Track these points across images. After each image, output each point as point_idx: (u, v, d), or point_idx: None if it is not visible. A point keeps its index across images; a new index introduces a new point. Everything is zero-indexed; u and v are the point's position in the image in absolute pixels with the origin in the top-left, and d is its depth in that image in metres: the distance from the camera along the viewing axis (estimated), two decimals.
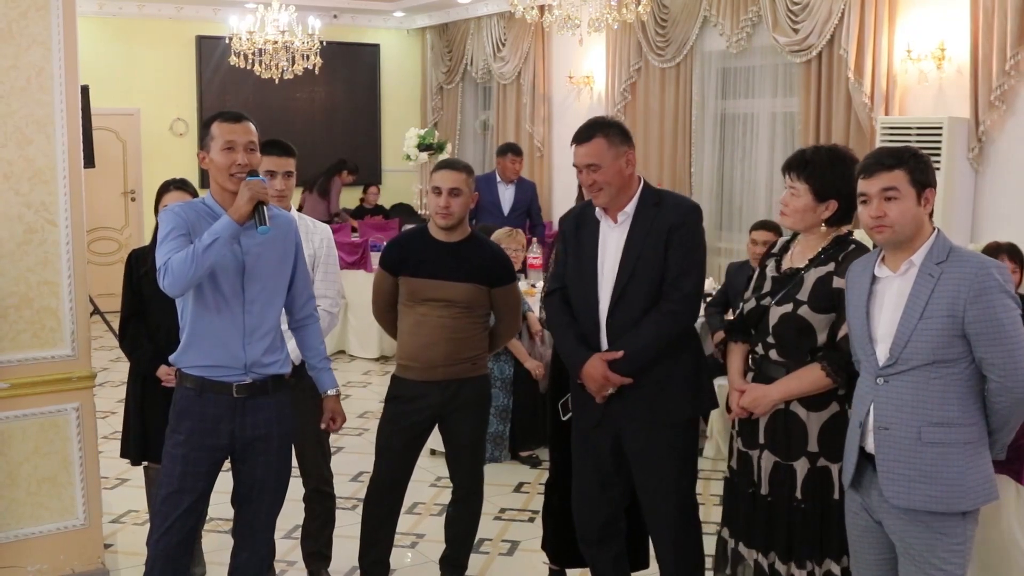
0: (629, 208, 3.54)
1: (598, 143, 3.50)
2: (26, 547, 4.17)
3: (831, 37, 7.13)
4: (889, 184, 2.85)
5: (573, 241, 3.67)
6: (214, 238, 3.14)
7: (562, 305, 3.67)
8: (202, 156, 3.34)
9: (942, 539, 2.84)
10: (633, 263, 3.48)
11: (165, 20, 11.26)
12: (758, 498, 3.29)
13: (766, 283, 3.33)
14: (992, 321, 2.75)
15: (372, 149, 12.47)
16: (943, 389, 2.82)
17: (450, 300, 3.94)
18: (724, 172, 8.58)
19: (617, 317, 3.50)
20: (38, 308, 4.08)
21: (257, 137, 3.37)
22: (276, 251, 3.40)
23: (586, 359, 3.51)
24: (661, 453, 3.53)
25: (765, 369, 3.27)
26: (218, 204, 3.31)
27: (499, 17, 11.03)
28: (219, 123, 3.32)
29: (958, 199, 6.41)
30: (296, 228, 3.56)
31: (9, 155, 3.97)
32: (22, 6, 3.95)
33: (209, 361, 3.32)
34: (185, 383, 3.37)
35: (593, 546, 3.76)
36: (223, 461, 3.42)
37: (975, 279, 2.77)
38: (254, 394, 3.36)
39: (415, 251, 4.01)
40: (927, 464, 2.82)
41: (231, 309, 3.30)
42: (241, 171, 3.27)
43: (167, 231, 3.24)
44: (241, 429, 3.35)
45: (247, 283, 3.32)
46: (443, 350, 3.96)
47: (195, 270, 3.13)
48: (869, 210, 2.89)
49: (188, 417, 3.34)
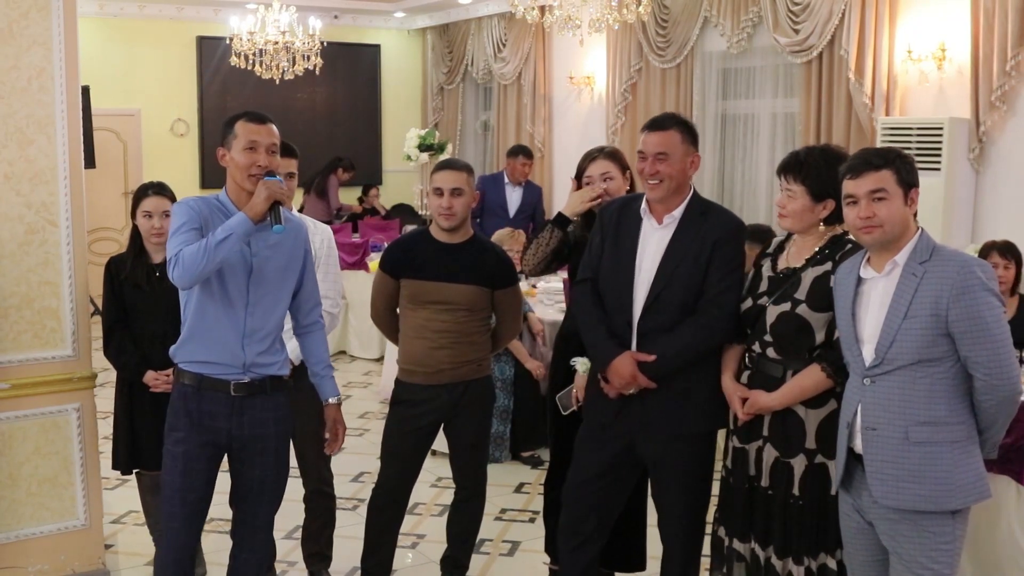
0: (676, 212, 3.48)
1: (673, 135, 3.44)
2: (27, 547, 4.17)
3: (832, 37, 7.12)
4: (878, 185, 2.86)
5: (612, 233, 3.57)
6: (228, 233, 3.14)
7: (594, 297, 3.58)
8: (222, 153, 3.35)
9: (931, 538, 2.85)
10: (672, 269, 3.42)
11: (166, 21, 11.26)
12: (756, 491, 3.29)
13: (762, 283, 3.33)
14: (976, 319, 2.76)
15: (373, 150, 12.47)
16: (929, 388, 2.83)
17: (453, 302, 3.92)
18: (725, 172, 8.58)
19: (648, 322, 3.44)
20: (39, 308, 4.08)
21: (279, 140, 3.38)
22: (284, 256, 3.40)
23: (617, 355, 3.44)
24: (679, 462, 3.50)
25: (762, 367, 3.27)
26: (232, 202, 3.32)
27: (500, 18, 11.03)
28: (243, 122, 3.32)
29: (959, 200, 6.41)
30: (307, 235, 3.56)
31: (10, 155, 3.97)
32: (23, 6, 3.95)
33: (207, 357, 3.32)
34: (183, 379, 3.37)
35: (570, 544, 3.69)
36: (220, 459, 3.43)
37: (958, 278, 2.78)
38: (252, 393, 3.36)
39: (417, 253, 3.97)
40: (915, 464, 2.83)
41: (234, 308, 3.31)
42: (260, 172, 3.27)
43: (180, 223, 3.25)
44: (238, 428, 3.35)
45: (252, 285, 3.32)
46: (448, 354, 3.94)
47: (206, 263, 3.13)
48: (858, 211, 2.89)
49: (186, 414, 3.34)
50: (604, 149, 4.06)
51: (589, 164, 3.98)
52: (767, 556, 3.27)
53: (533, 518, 5.20)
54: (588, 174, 3.95)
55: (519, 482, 5.79)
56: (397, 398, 4.06)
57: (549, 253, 3.97)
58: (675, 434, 3.47)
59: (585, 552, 3.68)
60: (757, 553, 3.29)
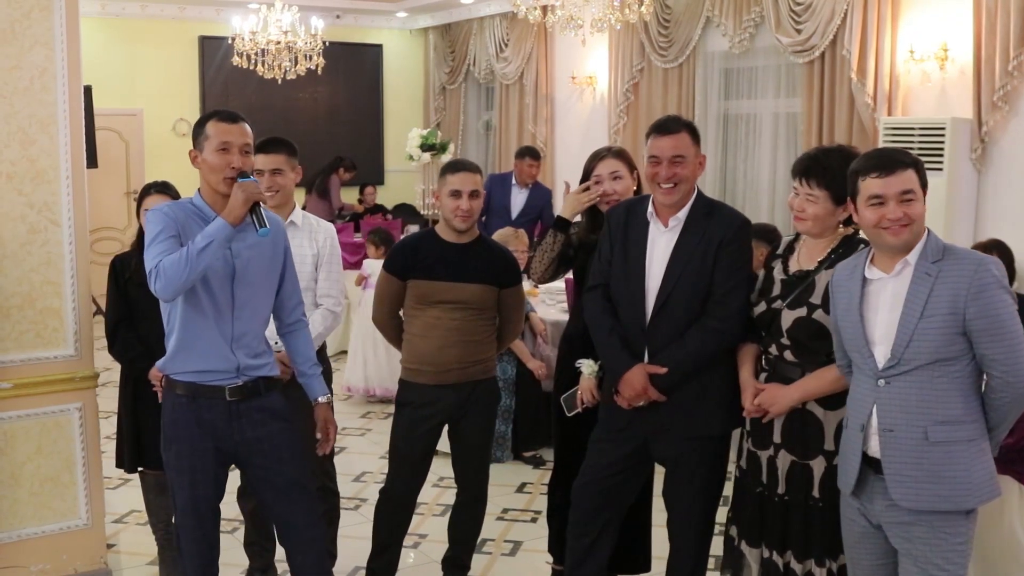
0: (681, 214, 3.46)
1: (684, 137, 3.44)
2: (29, 547, 4.17)
3: (834, 37, 7.11)
4: (908, 186, 2.82)
5: (620, 237, 3.55)
6: (208, 241, 3.07)
7: (606, 304, 3.56)
8: (194, 155, 3.29)
9: (947, 539, 2.84)
10: (679, 272, 3.40)
11: (168, 20, 11.27)
12: (765, 498, 3.28)
13: (775, 286, 3.30)
14: (993, 317, 2.75)
15: (375, 149, 12.48)
16: (946, 387, 2.82)
17: (462, 302, 3.91)
18: (727, 172, 8.57)
19: (659, 325, 3.43)
20: (41, 308, 4.08)
21: (252, 139, 3.31)
22: (266, 255, 3.34)
23: (630, 367, 3.43)
24: (692, 462, 3.50)
25: (780, 370, 3.25)
26: (208, 205, 3.25)
27: (502, 17, 11.03)
28: (215, 122, 3.26)
29: (961, 200, 6.40)
30: (284, 231, 3.51)
31: (12, 155, 3.97)
32: (25, 6, 3.95)
33: (200, 367, 3.26)
34: (176, 390, 3.30)
35: (580, 544, 3.68)
36: (227, 464, 3.40)
37: (974, 276, 2.76)
38: (247, 396, 3.31)
39: (425, 254, 3.96)
40: (934, 464, 2.82)
41: (221, 314, 3.24)
42: (234, 173, 3.20)
43: (156, 232, 3.16)
44: (240, 432, 3.31)
45: (237, 288, 3.26)
46: (457, 353, 3.93)
47: (189, 273, 3.05)
48: (886, 211, 2.82)
49: (184, 426, 3.28)
50: (612, 148, 4.04)
51: (598, 163, 3.95)
52: (785, 561, 3.25)
53: (535, 518, 5.20)
54: (597, 173, 3.93)
55: (521, 482, 5.78)
56: (404, 400, 4.04)
57: (555, 258, 3.96)
58: (690, 435, 3.47)
59: (595, 555, 3.68)
60: (775, 560, 3.26)
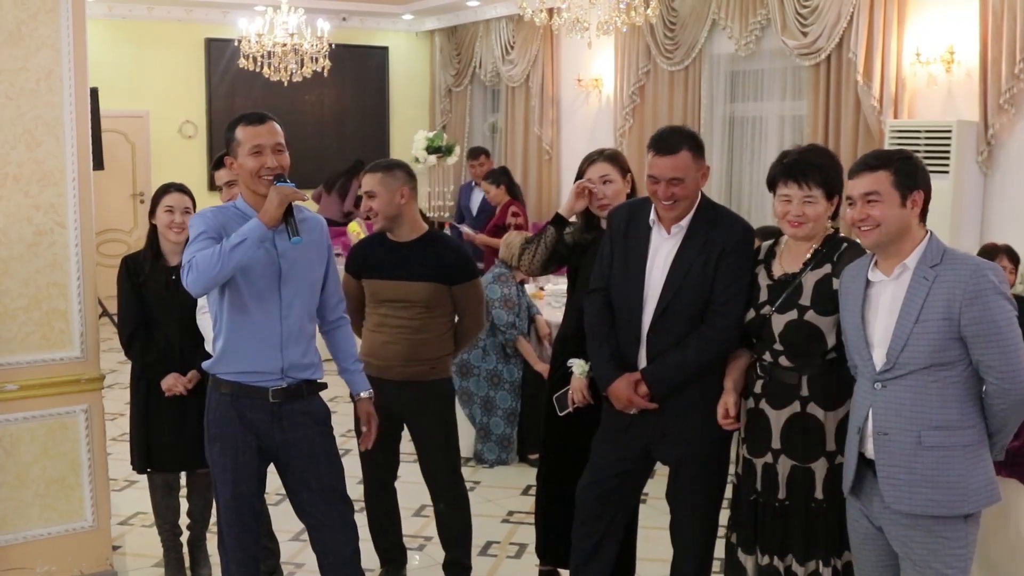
0: (684, 222, 3.43)
1: (684, 156, 3.35)
2: (34, 548, 4.18)
3: (840, 40, 7.11)
4: (871, 187, 2.85)
5: (621, 241, 3.54)
6: (242, 239, 3.10)
7: (603, 310, 3.55)
8: (230, 162, 3.31)
9: (944, 543, 2.83)
10: (680, 279, 3.39)
11: (174, 23, 11.28)
12: (760, 504, 3.28)
13: (761, 292, 3.28)
14: (989, 323, 2.74)
15: (381, 151, 12.45)
16: (941, 392, 2.81)
17: (409, 300, 3.98)
18: (733, 175, 8.57)
19: (659, 333, 3.42)
20: (47, 310, 4.09)
21: (283, 137, 3.31)
22: (311, 253, 3.38)
23: (612, 380, 3.45)
24: (694, 465, 3.50)
25: (777, 375, 3.24)
26: (250, 207, 3.28)
27: (508, 20, 11.03)
28: (243, 127, 3.26)
29: (967, 202, 6.39)
30: (327, 229, 3.53)
31: (18, 157, 3.98)
32: (31, 8, 3.96)
33: (247, 367, 3.30)
34: (220, 389, 3.35)
35: (586, 544, 3.66)
36: (267, 461, 3.43)
37: (970, 281, 2.76)
38: (289, 399, 3.34)
39: (374, 253, 4.09)
40: (928, 468, 2.82)
41: (268, 314, 3.28)
42: (271, 173, 3.22)
43: (197, 233, 3.22)
44: (280, 432, 3.35)
45: (283, 287, 3.30)
46: (399, 350, 4.00)
47: (220, 268, 3.09)
48: (853, 212, 2.90)
49: (228, 423, 3.33)
50: (604, 152, 4.03)
51: (588, 167, 3.97)
52: (787, 565, 3.24)
53: None
54: (587, 177, 3.94)
55: (526, 484, 5.76)
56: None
57: (545, 252, 3.98)
58: (690, 440, 3.47)
59: (600, 556, 3.67)
60: (775, 565, 3.25)
